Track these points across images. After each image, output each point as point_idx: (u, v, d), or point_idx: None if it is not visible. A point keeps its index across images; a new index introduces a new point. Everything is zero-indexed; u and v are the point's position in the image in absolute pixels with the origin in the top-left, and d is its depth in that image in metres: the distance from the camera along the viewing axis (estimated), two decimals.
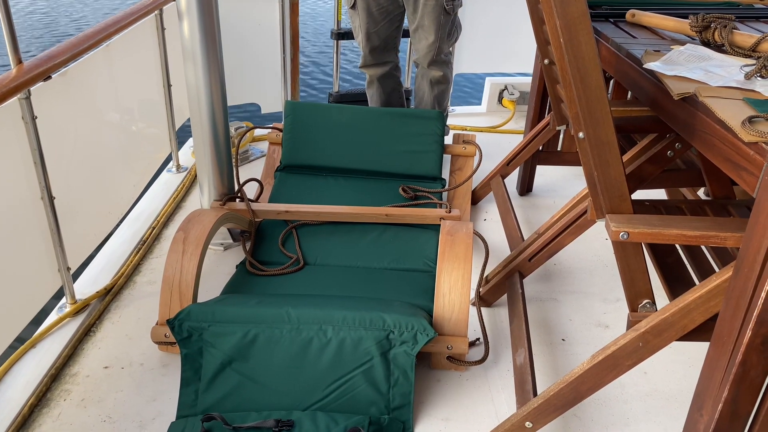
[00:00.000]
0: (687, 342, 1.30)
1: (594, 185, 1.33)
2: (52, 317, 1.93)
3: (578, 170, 2.81)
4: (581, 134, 1.27)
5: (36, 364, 1.75)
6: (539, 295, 2.14)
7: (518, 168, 2.71)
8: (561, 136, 2.65)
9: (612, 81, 2.40)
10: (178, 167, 2.89)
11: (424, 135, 2.62)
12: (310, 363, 1.62)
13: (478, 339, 1.90)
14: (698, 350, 1.80)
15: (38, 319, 1.88)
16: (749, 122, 1.12)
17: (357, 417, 1.55)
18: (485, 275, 2.06)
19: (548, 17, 1.27)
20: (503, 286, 2.01)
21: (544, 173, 2.88)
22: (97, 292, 2.03)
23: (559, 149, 2.69)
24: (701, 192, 2.45)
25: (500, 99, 3.74)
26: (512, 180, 2.78)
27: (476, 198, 2.71)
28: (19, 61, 1.67)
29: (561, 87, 1.52)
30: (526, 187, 2.79)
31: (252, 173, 2.79)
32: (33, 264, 1.84)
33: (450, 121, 3.43)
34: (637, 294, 1.43)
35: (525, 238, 2.16)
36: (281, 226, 2.29)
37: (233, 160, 2.37)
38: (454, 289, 1.75)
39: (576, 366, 1.39)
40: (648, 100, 1.53)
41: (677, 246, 1.59)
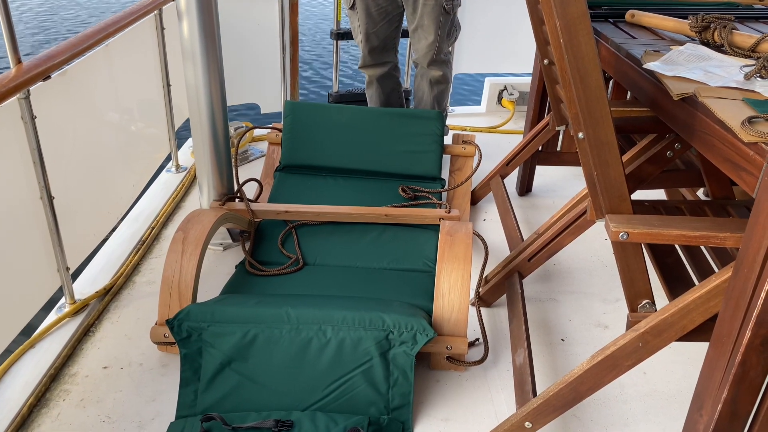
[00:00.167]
0: (686, 342, 1.30)
1: (593, 185, 1.33)
2: (51, 317, 1.92)
3: (578, 170, 2.81)
4: (581, 134, 1.27)
5: (35, 364, 1.74)
6: (539, 296, 2.14)
7: (518, 168, 2.71)
8: (560, 137, 2.65)
9: (612, 81, 2.40)
10: (178, 167, 2.89)
11: (424, 135, 2.62)
12: (310, 363, 1.62)
13: (478, 339, 1.90)
14: (698, 350, 1.80)
15: (38, 319, 1.88)
16: (749, 122, 1.12)
17: (356, 417, 1.55)
18: (485, 275, 2.06)
19: (548, 17, 1.27)
20: (503, 287, 2.01)
21: (544, 173, 2.88)
22: (97, 292, 2.03)
23: (559, 149, 2.69)
24: (701, 192, 2.45)
25: (500, 99, 3.74)
26: (512, 180, 2.78)
27: (476, 198, 2.71)
28: (19, 61, 1.67)
29: (560, 87, 1.52)
30: (526, 188, 2.79)
31: (251, 173, 2.78)
32: (32, 264, 1.83)
33: (449, 122, 3.43)
34: (637, 294, 1.43)
35: (524, 239, 2.15)
36: (281, 226, 2.29)
37: (233, 160, 2.37)
38: (454, 290, 1.75)
39: (575, 366, 1.39)
40: (647, 101, 1.52)
41: (677, 246, 1.59)
